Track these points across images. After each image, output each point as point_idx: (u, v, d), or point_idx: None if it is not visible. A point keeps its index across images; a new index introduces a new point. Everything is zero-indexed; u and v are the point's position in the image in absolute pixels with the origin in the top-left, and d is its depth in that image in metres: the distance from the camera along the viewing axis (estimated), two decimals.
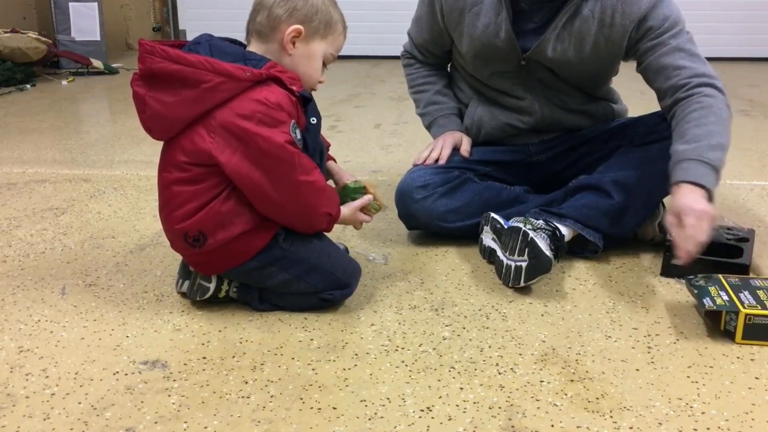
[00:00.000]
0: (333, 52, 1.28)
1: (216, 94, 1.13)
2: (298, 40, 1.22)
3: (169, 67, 1.13)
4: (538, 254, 1.37)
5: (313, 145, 1.24)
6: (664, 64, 1.48)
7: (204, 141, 1.15)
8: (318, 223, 1.25)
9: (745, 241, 1.51)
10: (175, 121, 1.17)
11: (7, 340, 1.21)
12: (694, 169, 1.33)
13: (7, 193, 2.02)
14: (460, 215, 1.60)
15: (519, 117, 1.67)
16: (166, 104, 1.15)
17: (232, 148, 1.14)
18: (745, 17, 4.94)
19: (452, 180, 1.62)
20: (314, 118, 1.24)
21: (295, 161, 1.15)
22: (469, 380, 1.09)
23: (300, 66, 1.23)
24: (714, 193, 1.32)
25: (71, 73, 4.21)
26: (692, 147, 1.36)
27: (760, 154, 2.49)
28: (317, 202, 1.22)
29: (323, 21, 1.23)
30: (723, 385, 1.08)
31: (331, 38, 1.25)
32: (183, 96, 1.14)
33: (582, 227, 1.52)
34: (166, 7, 5.17)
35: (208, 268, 1.27)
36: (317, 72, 1.26)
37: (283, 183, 1.16)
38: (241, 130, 1.13)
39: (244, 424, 0.98)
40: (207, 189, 1.18)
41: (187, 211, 1.19)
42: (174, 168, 1.19)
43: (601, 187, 1.54)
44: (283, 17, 1.20)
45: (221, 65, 1.12)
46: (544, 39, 1.53)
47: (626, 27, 1.50)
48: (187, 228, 1.20)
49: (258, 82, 1.14)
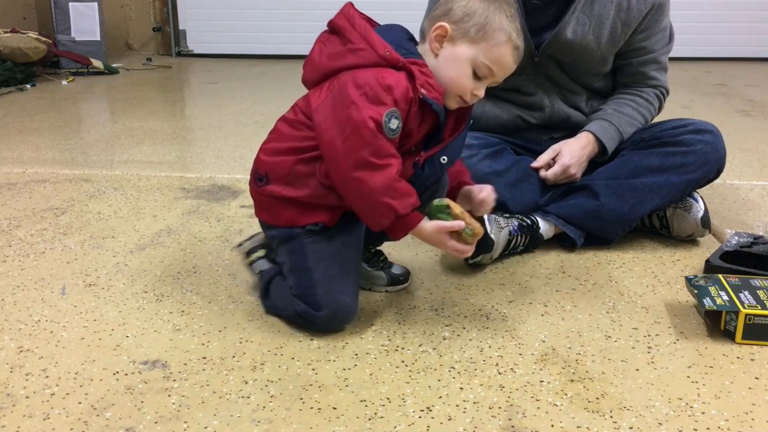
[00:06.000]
0: (487, 63, 1.17)
1: (354, 57, 1.16)
2: (445, 41, 1.19)
3: (341, 22, 1.20)
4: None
5: (429, 176, 1.23)
6: (639, 71, 1.68)
7: (320, 95, 1.19)
8: (379, 215, 1.16)
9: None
10: (318, 67, 1.21)
11: (7, 340, 1.21)
12: (609, 131, 1.63)
13: (7, 193, 2.02)
14: (500, 179, 1.58)
15: (530, 112, 1.70)
16: (321, 53, 1.21)
17: (330, 101, 1.16)
18: (745, 17, 4.93)
19: (494, 145, 1.65)
20: (445, 158, 1.22)
21: (370, 140, 1.11)
22: (469, 380, 1.09)
23: (443, 69, 1.18)
24: (607, 151, 1.63)
25: (71, 73, 4.21)
26: (618, 115, 1.65)
27: (760, 154, 2.49)
28: (379, 189, 1.13)
29: (477, 24, 1.16)
30: (723, 385, 1.08)
31: (484, 45, 1.16)
32: (334, 49, 1.19)
33: (564, 223, 1.59)
34: (166, 7, 5.17)
35: (258, 208, 1.30)
36: (463, 78, 1.18)
37: (352, 156, 1.13)
38: (345, 93, 1.14)
39: (244, 424, 0.98)
40: (299, 138, 1.21)
41: (272, 147, 1.25)
42: (293, 108, 1.25)
43: (590, 187, 1.59)
44: (439, 16, 1.19)
45: (372, 36, 1.16)
46: (563, 22, 1.57)
47: (642, 11, 1.58)
48: (262, 163, 1.25)
49: (393, 66, 1.15)
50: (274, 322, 1.27)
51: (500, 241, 1.50)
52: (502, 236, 1.51)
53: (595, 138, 1.62)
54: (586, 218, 1.58)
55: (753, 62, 4.84)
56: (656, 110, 1.71)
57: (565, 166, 1.58)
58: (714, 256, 1.48)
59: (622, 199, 1.56)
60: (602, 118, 1.65)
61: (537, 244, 1.59)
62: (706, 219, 1.60)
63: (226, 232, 1.73)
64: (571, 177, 1.60)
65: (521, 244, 1.56)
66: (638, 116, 1.66)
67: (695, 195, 1.63)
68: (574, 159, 1.59)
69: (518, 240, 1.55)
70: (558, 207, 1.60)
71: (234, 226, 1.75)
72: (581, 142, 1.62)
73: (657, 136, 1.60)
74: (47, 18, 4.70)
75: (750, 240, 1.51)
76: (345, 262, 1.24)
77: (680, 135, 1.57)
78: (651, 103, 1.69)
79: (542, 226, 1.58)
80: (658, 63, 1.67)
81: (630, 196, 1.55)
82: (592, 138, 1.62)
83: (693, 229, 1.61)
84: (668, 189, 1.56)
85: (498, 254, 1.52)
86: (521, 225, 1.55)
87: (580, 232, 1.59)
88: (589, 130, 1.63)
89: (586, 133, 1.63)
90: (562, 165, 1.59)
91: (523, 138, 1.72)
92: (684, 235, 1.63)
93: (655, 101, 1.70)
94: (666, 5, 1.62)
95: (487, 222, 1.47)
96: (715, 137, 1.58)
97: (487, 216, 1.47)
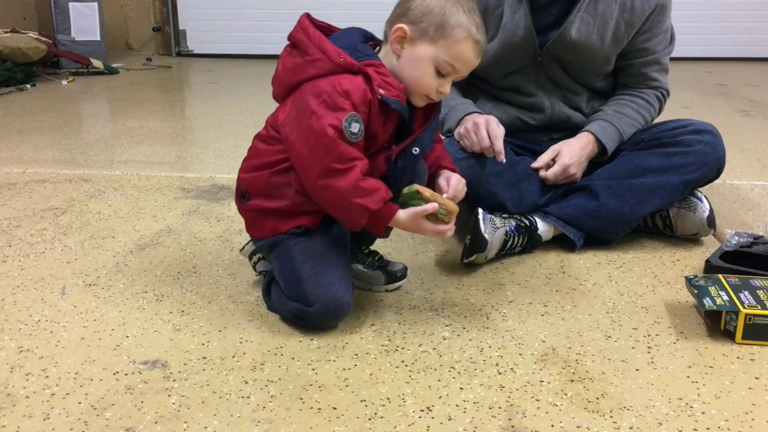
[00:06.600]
0: (449, 60, 1.17)
1: (313, 68, 1.18)
2: (405, 42, 1.19)
3: (298, 35, 1.22)
4: (476, 234, 1.45)
5: (403, 168, 1.25)
6: (641, 72, 1.68)
7: (285, 109, 1.22)
8: (354, 215, 1.18)
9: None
10: (283, 82, 1.24)
11: (7, 340, 1.21)
12: (609, 131, 1.63)
13: (7, 193, 2.02)
14: (500, 179, 1.58)
15: (530, 114, 1.70)
16: (285, 68, 1.23)
17: (294, 114, 1.19)
18: (745, 17, 4.93)
19: None
20: (417, 149, 1.24)
21: (331, 147, 1.14)
22: (469, 380, 1.09)
23: (406, 70, 1.19)
24: (607, 151, 1.64)
25: (71, 73, 4.21)
26: (618, 116, 1.65)
27: (760, 154, 2.49)
28: (346, 191, 1.15)
29: (434, 23, 1.16)
30: (723, 385, 1.08)
31: (444, 43, 1.16)
32: (294, 62, 1.21)
33: (563, 224, 1.59)
34: (166, 7, 5.16)
35: (246, 225, 1.35)
36: (425, 78, 1.19)
37: (317, 165, 1.16)
38: (305, 103, 1.17)
39: (244, 424, 0.98)
40: (272, 152, 1.24)
41: (249, 165, 1.29)
42: (265, 125, 1.29)
43: (590, 187, 1.59)
44: (397, 17, 1.20)
45: (325, 44, 1.18)
46: (568, 21, 1.57)
47: (645, 11, 1.58)
48: (241, 181, 1.30)
49: (349, 71, 1.16)
50: (274, 322, 1.27)
51: (495, 240, 1.50)
52: (498, 236, 1.50)
53: (595, 138, 1.62)
54: (587, 218, 1.58)
55: (753, 62, 4.84)
56: (656, 111, 1.71)
57: (565, 166, 1.58)
58: (714, 256, 1.48)
59: (622, 199, 1.56)
60: (602, 118, 1.65)
61: (535, 245, 1.59)
62: (712, 218, 1.60)
63: (226, 232, 1.73)
64: (571, 177, 1.60)
65: (518, 244, 1.56)
66: (638, 117, 1.66)
67: (699, 195, 1.63)
68: (574, 159, 1.59)
69: (515, 240, 1.54)
70: (558, 207, 1.60)
71: (234, 226, 1.75)
72: (581, 142, 1.62)
73: (657, 136, 1.60)
74: (47, 18, 4.70)
75: (750, 240, 1.51)
76: (331, 257, 1.25)
77: (680, 135, 1.58)
78: (651, 104, 1.69)
79: (542, 227, 1.58)
80: (659, 64, 1.68)
81: (630, 196, 1.56)
82: (592, 138, 1.62)
83: (698, 228, 1.62)
84: (668, 189, 1.56)
85: (494, 254, 1.52)
86: (519, 225, 1.55)
87: (580, 233, 1.59)
88: (589, 130, 1.63)
89: (586, 134, 1.63)
90: (562, 165, 1.59)
91: (523, 138, 1.72)
92: (689, 234, 1.63)
93: (656, 102, 1.70)
94: (668, 6, 1.62)
95: (482, 222, 1.47)
96: (715, 138, 1.58)
97: (482, 216, 1.47)
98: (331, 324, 1.24)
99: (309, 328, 1.24)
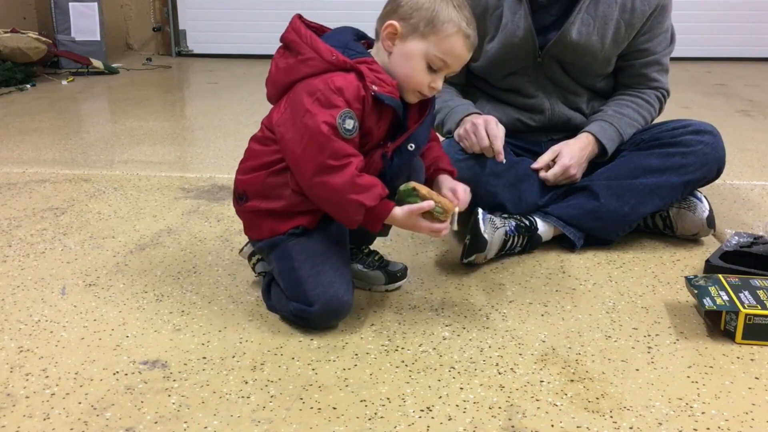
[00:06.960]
0: (440, 56, 1.18)
1: (305, 68, 1.18)
2: (396, 38, 1.19)
3: (290, 35, 1.22)
4: (475, 234, 1.45)
5: (399, 164, 1.25)
6: (641, 72, 1.68)
7: (280, 109, 1.22)
8: (350, 212, 1.18)
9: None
10: (276, 83, 1.25)
11: (7, 340, 1.21)
12: (609, 132, 1.63)
13: (7, 193, 2.02)
14: (500, 180, 1.58)
15: (530, 115, 1.69)
16: (278, 68, 1.24)
17: (289, 113, 1.20)
18: (745, 17, 4.93)
19: None
20: (413, 145, 1.24)
21: (326, 144, 1.14)
22: (469, 380, 1.09)
23: (397, 66, 1.20)
24: (607, 152, 1.64)
25: (71, 73, 4.21)
26: (618, 116, 1.65)
27: (760, 154, 2.49)
28: (342, 188, 1.15)
29: (424, 19, 1.16)
30: (723, 385, 1.08)
31: (434, 38, 1.17)
32: (287, 63, 1.21)
33: (564, 225, 1.59)
34: (166, 7, 5.16)
35: (245, 227, 1.35)
36: (417, 73, 1.19)
37: (312, 163, 1.16)
38: (299, 102, 1.17)
39: (244, 424, 0.98)
40: (268, 153, 1.25)
41: (246, 167, 1.29)
42: (260, 127, 1.29)
43: (590, 188, 1.59)
44: (388, 14, 1.20)
45: (317, 44, 1.18)
46: (568, 22, 1.57)
47: (645, 12, 1.58)
48: (239, 182, 1.30)
49: (342, 69, 1.16)
50: (274, 322, 1.27)
51: (495, 240, 1.50)
52: (497, 236, 1.50)
53: (595, 139, 1.62)
54: (587, 219, 1.58)
55: (753, 62, 4.84)
56: (656, 112, 1.71)
57: (565, 166, 1.58)
58: (714, 256, 1.48)
59: (622, 199, 1.56)
60: (602, 119, 1.65)
61: (535, 245, 1.59)
62: (712, 219, 1.60)
63: (226, 232, 1.73)
64: (571, 178, 1.60)
65: (518, 244, 1.56)
66: (638, 117, 1.66)
67: (699, 195, 1.63)
68: (574, 160, 1.59)
69: (515, 240, 1.54)
70: (558, 208, 1.60)
71: (234, 227, 1.75)
72: (581, 142, 1.62)
73: (657, 136, 1.60)
74: (47, 18, 4.70)
75: (750, 240, 1.51)
76: (331, 257, 1.25)
77: (680, 136, 1.58)
78: (651, 104, 1.69)
79: (542, 227, 1.58)
80: (659, 65, 1.68)
81: (630, 196, 1.56)
82: (592, 139, 1.62)
83: (698, 228, 1.62)
84: (668, 190, 1.56)
85: (493, 254, 1.52)
86: (518, 225, 1.55)
87: (580, 233, 1.59)
88: (589, 130, 1.63)
89: (586, 134, 1.63)
90: (562, 166, 1.59)
91: (523, 139, 1.72)
92: (689, 234, 1.63)
93: (656, 103, 1.70)
94: (668, 7, 1.62)
95: (482, 222, 1.47)
96: (715, 138, 1.58)
97: (482, 216, 1.47)
98: (332, 323, 1.24)
99: (309, 328, 1.24)
